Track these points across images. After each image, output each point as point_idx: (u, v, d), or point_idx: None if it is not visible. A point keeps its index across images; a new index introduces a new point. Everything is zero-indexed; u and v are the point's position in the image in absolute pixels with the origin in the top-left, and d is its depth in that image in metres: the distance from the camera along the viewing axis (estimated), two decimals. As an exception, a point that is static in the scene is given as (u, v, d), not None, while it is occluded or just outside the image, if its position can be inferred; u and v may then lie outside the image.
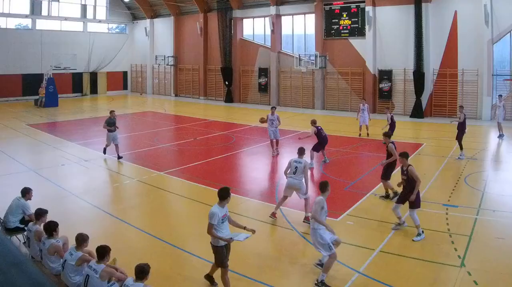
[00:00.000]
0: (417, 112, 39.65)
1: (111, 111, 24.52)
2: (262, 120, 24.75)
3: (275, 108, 25.16)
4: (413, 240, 12.95)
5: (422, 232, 13.17)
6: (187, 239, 13.62)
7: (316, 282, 10.51)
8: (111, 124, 23.72)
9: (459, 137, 23.76)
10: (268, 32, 50.36)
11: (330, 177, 19.58)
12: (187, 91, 60.02)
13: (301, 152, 15.31)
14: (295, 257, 12.04)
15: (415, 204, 13.24)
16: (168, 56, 60.04)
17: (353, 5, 44.02)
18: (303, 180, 14.52)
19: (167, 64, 60.21)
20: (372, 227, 14.04)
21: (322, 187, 11.30)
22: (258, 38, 52.32)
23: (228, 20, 53.11)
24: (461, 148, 23.62)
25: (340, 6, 44.77)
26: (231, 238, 10.02)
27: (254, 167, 22.99)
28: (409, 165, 13.53)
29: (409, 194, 13.23)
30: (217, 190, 10.26)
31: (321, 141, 22.19)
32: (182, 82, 60.71)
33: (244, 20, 53.47)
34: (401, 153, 14.13)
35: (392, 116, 27.15)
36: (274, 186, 19.14)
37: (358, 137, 29.93)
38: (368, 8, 42.29)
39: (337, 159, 23.45)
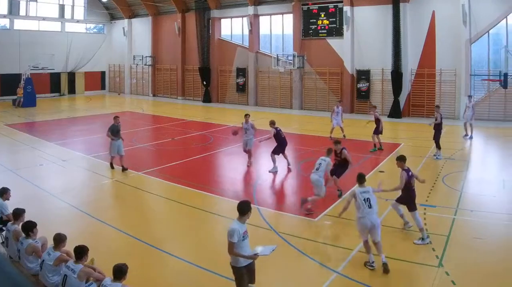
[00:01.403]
0: (395, 112, 38.59)
1: (115, 117, 21.37)
2: (235, 133, 22.43)
3: (249, 115, 22.61)
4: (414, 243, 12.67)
5: (427, 236, 12.71)
6: (166, 239, 13.29)
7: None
8: (115, 132, 20.73)
9: (436, 137, 23.18)
10: (246, 32, 48.96)
11: (308, 177, 17.59)
12: (165, 91, 58.34)
13: (328, 152, 15.92)
14: (272, 256, 10.56)
15: (406, 204, 13.13)
16: (146, 56, 58.34)
17: (331, 5, 42.79)
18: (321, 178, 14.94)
19: (145, 64, 58.52)
20: (350, 227, 13.38)
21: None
22: (236, 38, 50.91)
23: (206, 20, 51.64)
24: (439, 148, 23.11)
25: (318, 6, 43.53)
26: (255, 254, 8.95)
27: (232, 167, 22.42)
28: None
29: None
30: (237, 203, 9.10)
31: (280, 143, 20.86)
32: (160, 82, 58.99)
33: (222, 20, 52.02)
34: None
35: (377, 115, 25.87)
36: (251, 186, 18.63)
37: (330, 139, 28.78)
38: (346, 8, 41.08)
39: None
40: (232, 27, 51.47)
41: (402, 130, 33.44)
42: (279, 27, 47.41)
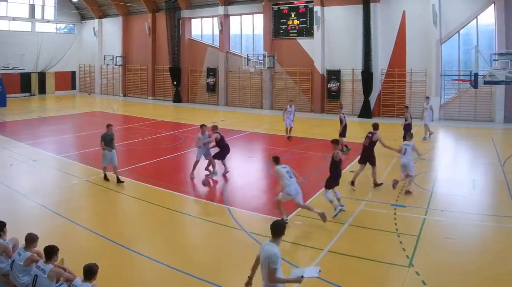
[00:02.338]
0: (365, 112, 37.22)
1: (108, 126, 18.59)
2: (198, 145, 19.53)
3: (206, 126, 19.87)
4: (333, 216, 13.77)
5: (341, 206, 14.08)
6: (136, 239, 12.73)
7: None
8: (108, 141, 18.17)
9: (405, 138, 21.80)
10: (217, 32, 47.21)
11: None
12: (135, 91, 56.10)
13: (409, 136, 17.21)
14: (244, 257, 10.81)
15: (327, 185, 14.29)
16: (117, 56, 55.99)
17: (301, 5, 41.27)
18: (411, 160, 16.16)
19: (116, 64, 56.29)
20: (320, 227, 13.14)
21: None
22: (207, 38, 49.03)
23: (177, 20, 49.63)
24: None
25: (289, 6, 41.97)
26: (301, 276, 7.47)
27: (203, 167, 20.73)
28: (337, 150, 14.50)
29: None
30: (272, 224, 7.76)
31: (222, 149, 19.34)
32: (130, 82, 56.73)
33: (193, 20, 50.05)
34: (332, 140, 15.01)
35: (342, 116, 24.47)
36: (222, 186, 18.06)
37: (306, 138, 27.83)
38: (317, 8, 39.61)
39: (285, 159, 19.85)
40: (202, 27, 49.65)
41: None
42: (249, 27, 45.77)
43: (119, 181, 17.91)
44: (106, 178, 18.28)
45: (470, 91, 33.24)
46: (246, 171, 21.37)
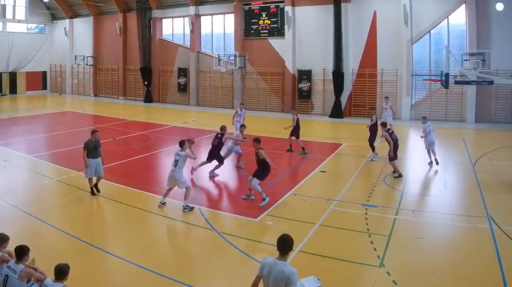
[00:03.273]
0: (336, 112, 35.49)
1: (93, 132, 15.93)
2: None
3: (245, 127, 20.41)
4: (261, 206, 14.03)
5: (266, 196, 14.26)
6: (107, 239, 12.27)
7: None
8: (92, 148, 15.61)
9: (371, 139, 21.66)
10: (188, 32, 44.84)
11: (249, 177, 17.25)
12: (106, 91, 53.31)
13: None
14: (214, 257, 11.09)
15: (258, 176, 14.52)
16: (88, 56, 53.21)
17: (272, 5, 39.29)
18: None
19: (87, 64, 53.44)
20: (291, 227, 12.46)
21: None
22: (178, 38, 46.67)
23: (148, 20, 47.17)
24: (373, 150, 21.58)
25: (260, 6, 39.96)
26: None
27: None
28: (260, 149, 14.69)
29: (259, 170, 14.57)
30: (281, 239, 6.63)
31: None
32: (102, 82, 53.85)
33: (164, 20, 47.61)
34: (254, 138, 15.18)
35: (297, 117, 23.19)
36: (193, 186, 16.64)
37: (277, 138, 26.29)
38: (288, 8, 37.76)
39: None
40: (173, 27, 47.30)
41: (343, 130, 31.16)
42: (220, 27, 43.62)
43: (96, 190, 15.67)
44: (93, 192, 15.61)
45: (441, 91, 31.89)
46: (216, 170, 19.84)
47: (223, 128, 18.92)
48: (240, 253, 11.00)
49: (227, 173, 19.65)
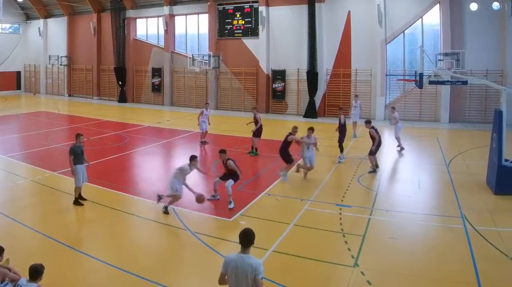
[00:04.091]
0: (311, 112, 33.82)
1: (78, 135, 14.42)
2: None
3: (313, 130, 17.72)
4: (229, 208, 13.50)
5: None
6: (82, 239, 11.89)
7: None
8: (80, 154, 14.00)
9: (340, 140, 20.45)
10: (162, 32, 42.65)
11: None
12: (80, 91, 50.67)
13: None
14: (188, 256, 10.77)
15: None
16: (62, 56, 50.55)
17: (246, 5, 37.41)
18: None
19: (61, 64, 50.79)
20: (265, 227, 12.27)
21: None
22: (152, 38, 44.38)
23: (122, 20, 44.73)
24: (341, 151, 20.38)
25: (234, 6, 38.04)
26: None
27: (147, 167, 20.23)
28: (228, 159, 14.28)
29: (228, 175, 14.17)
30: (243, 233, 6.59)
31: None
32: (76, 82, 51.17)
33: (138, 20, 45.20)
34: (220, 150, 14.77)
35: (258, 117, 22.10)
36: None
37: (249, 138, 24.40)
38: (262, 8, 35.96)
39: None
40: (147, 27, 44.98)
41: (317, 130, 28.12)
42: (194, 27, 41.53)
43: (83, 199, 14.11)
44: (79, 202, 13.96)
45: (415, 91, 30.50)
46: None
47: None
48: (214, 253, 10.54)
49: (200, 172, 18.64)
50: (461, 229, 11.93)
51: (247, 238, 6.49)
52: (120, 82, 45.50)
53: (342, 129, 20.51)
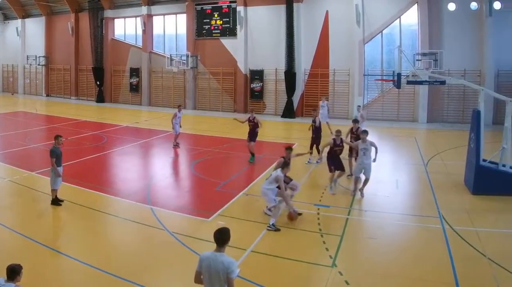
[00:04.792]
0: (289, 112, 32.38)
1: (58, 137, 13.62)
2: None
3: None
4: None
5: None
6: (60, 239, 11.47)
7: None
8: (60, 156, 13.32)
9: (316, 143, 18.89)
10: (140, 32, 40.78)
11: (202, 177, 17.10)
12: (58, 91, 48.43)
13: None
14: (165, 256, 10.11)
15: None
16: (40, 56, 48.37)
17: (224, 5, 35.75)
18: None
19: (39, 64, 48.65)
20: (243, 227, 11.78)
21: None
22: (130, 38, 42.32)
23: (100, 20, 42.76)
24: (318, 152, 18.85)
25: (212, 6, 36.35)
26: None
27: (125, 167, 19.30)
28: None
29: None
30: (217, 231, 6.29)
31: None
32: (54, 82, 48.97)
33: (116, 20, 43.10)
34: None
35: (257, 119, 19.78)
36: (145, 186, 15.81)
37: (228, 138, 24.50)
38: (240, 8, 34.37)
39: (207, 159, 20.15)
40: (125, 27, 42.95)
41: (295, 130, 28.62)
42: (172, 27, 39.74)
43: (60, 200, 13.35)
44: (58, 202, 13.26)
45: (393, 91, 29.27)
46: (168, 171, 18.98)
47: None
48: (192, 253, 10.07)
49: (178, 172, 18.66)
50: (439, 229, 11.50)
51: (221, 237, 6.28)
52: (98, 82, 43.51)
53: (317, 132, 18.96)
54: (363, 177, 14.40)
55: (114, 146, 23.00)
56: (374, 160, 14.30)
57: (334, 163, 14.80)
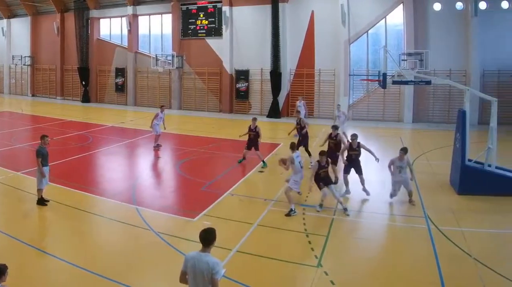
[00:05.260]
0: (274, 112, 31.35)
1: (44, 137, 13.30)
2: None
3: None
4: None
5: None
6: (45, 239, 11.05)
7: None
8: (46, 156, 13.00)
9: (305, 145, 17.98)
10: (125, 32, 39.46)
11: (187, 177, 16.66)
12: (44, 91, 46.87)
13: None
14: (151, 256, 9.79)
15: None
16: (25, 56, 46.75)
17: (210, 5, 34.60)
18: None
19: (24, 64, 46.99)
20: (228, 227, 11.42)
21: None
22: (115, 38, 40.96)
23: (85, 20, 41.31)
24: (309, 155, 17.95)
25: (197, 6, 35.19)
26: None
27: (111, 167, 18.81)
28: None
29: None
30: (203, 232, 6.20)
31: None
32: (39, 82, 47.39)
33: (101, 20, 41.70)
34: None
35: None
36: (131, 186, 15.48)
37: (213, 138, 23.89)
38: (225, 8, 33.25)
39: (193, 159, 19.64)
40: (111, 27, 41.59)
41: (281, 131, 27.50)
42: (158, 27, 38.52)
43: (46, 200, 13.04)
44: (43, 202, 12.93)
45: (379, 91, 28.44)
46: (154, 170, 18.56)
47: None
48: (177, 253, 9.84)
49: (163, 172, 18.13)
50: (424, 229, 11.26)
51: (206, 237, 6.15)
52: (83, 82, 42.08)
53: (305, 133, 17.95)
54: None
55: (100, 146, 22.39)
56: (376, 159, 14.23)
57: (351, 167, 14.45)
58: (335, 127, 16.05)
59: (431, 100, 28.56)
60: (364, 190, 13.91)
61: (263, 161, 17.73)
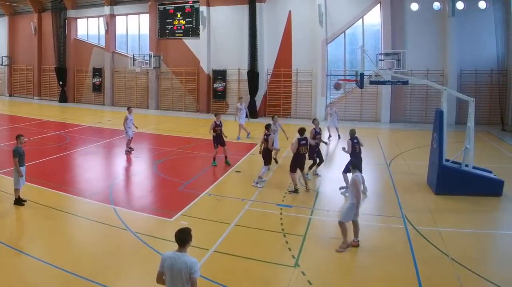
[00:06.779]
0: (251, 112, 28.69)
1: (19, 136, 12.52)
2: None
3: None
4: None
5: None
6: (22, 239, 10.37)
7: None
8: (23, 155, 12.24)
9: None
10: (103, 32, 36.65)
11: (165, 177, 15.73)
12: (21, 91, 43.68)
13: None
14: (128, 256, 9.39)
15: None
16: (2, 56, 43.54)
17: (187, 5, 32.18)
18: None
19: (1, 64, 43.65)
20: (206, 227, 10.72)
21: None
22: (93, 38, 38.11)
23: (62, 20, 38.37)
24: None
25: (174, 6, 32.75)
26: None
27: (88, 167, 17.72)
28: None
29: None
30: (178, 232, 5.80)
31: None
32: (17, 82, 44.15)
33: (79, 20, 38.74)
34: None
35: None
36: (108, 186, 14.54)
37: (191, 138, 22.94)
38: (202, 8, 30.89)
39: (171, 159, 18.87)
40: (88, 27, 38.73)
41: (258, 131, 24.90)
42: (135, 27, 35.90)
43: (21, 201, 12.27)
44: (21, 202, 12.23)
45: (356, 91, 26.54)
46: (131, 170, 17.48)
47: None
48: (154, 253, 9.21)
49: (141, 172, 16.93)
50: (401, 229, 10.77)
51: (182, 237, 5.69)
52: (60, 82, 39.00)
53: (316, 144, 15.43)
54: None
55: (77, 146, 21.12)
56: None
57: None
58: (315, 120, 15.81)
59: (409, 100, 26.76)
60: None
61: (226, 157, 16.94)
